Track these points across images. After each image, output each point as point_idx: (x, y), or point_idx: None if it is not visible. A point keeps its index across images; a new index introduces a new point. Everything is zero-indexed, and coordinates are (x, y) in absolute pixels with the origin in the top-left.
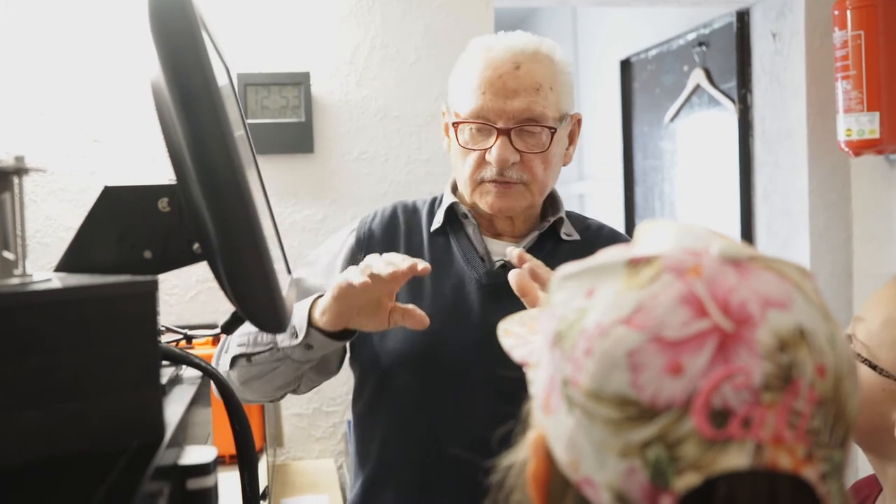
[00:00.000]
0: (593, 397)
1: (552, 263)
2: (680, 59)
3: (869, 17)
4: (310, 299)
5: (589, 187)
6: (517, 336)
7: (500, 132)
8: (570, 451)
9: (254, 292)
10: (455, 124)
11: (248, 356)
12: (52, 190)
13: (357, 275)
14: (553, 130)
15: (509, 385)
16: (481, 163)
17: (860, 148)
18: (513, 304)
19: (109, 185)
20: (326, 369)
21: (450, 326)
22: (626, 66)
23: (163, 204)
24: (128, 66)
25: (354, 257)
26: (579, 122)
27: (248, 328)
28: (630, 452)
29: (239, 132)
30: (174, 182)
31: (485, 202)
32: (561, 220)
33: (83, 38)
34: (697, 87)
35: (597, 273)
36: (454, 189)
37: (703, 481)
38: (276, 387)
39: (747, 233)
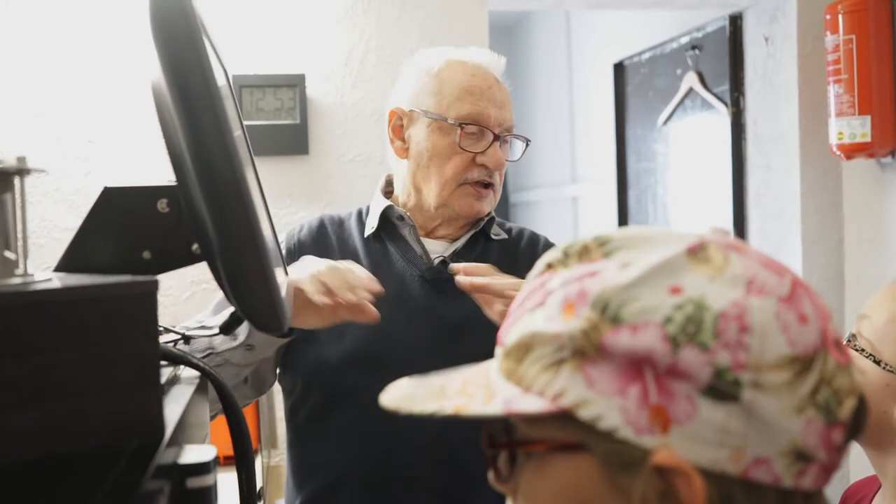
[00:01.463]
0: (767, 368)
1: (485, 260)
2: (673, 62)
3: (860, 22)
4: None
5: (582, 190)
6: (477, 400)
7: (496, 137)
8: (726, 445)
9: (253, 292)
10: (462, 125)
11: None
12: (46, 191)
13: (315, 289)
14: (528, 142)
15: None
16: (469, 165)
17: (852, 151)
18: (456, 296)
19: (109, 185)
20: (261, 382)
21: (397, 323)
22: (619, 69)
23: (162, 205)
24: (123, 67)
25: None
26: None
27: None
28: (804, 405)
29: (237, 132)
30: (173, 183)
31: (464, 203)
32: (492, 219)
33: (79, 39)
34: (690, 90)
35: (663, 271)
36: (385, 193)
37: (858, 401)
38: (212, 399)
39: (740, 235)
